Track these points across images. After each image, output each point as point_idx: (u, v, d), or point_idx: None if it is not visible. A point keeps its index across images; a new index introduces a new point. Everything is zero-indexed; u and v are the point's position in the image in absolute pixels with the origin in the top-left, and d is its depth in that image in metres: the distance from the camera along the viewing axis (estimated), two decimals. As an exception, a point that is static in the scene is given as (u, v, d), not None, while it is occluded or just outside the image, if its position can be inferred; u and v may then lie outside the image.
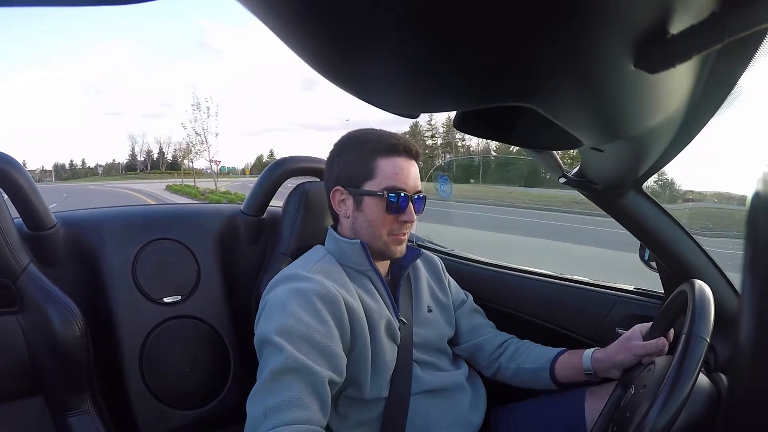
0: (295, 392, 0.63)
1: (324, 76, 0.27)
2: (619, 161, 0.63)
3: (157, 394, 0.94)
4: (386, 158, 0.80)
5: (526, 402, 0.96)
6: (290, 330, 0.67)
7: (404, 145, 0.81)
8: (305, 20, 0.21)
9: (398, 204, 0.79)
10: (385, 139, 0.82)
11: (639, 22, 0.23)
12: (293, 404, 0.61)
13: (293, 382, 0.64)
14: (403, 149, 0.81)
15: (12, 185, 0.83)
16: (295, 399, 0.62)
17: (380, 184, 0.79)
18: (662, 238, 0.88)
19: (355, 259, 0.82)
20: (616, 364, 0.80)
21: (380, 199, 0.79)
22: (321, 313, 0.71)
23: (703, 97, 0.44)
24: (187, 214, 1.10)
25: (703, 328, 0.56)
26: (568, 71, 0.26)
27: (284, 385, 0.63)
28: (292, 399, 0.62)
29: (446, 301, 0.97)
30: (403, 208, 0.80)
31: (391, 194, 0.79)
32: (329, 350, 0.69)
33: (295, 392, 0.63)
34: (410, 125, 41.36)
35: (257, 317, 0.76)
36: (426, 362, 0.87)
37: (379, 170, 0.80)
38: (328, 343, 0.69)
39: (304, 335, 0.68)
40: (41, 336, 0.80)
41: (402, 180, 0.80)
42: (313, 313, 0.70)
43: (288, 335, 0.67)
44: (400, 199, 0.79)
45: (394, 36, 0.21)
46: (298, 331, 0.68)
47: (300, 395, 0.63)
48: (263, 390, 0.63)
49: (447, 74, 0.25)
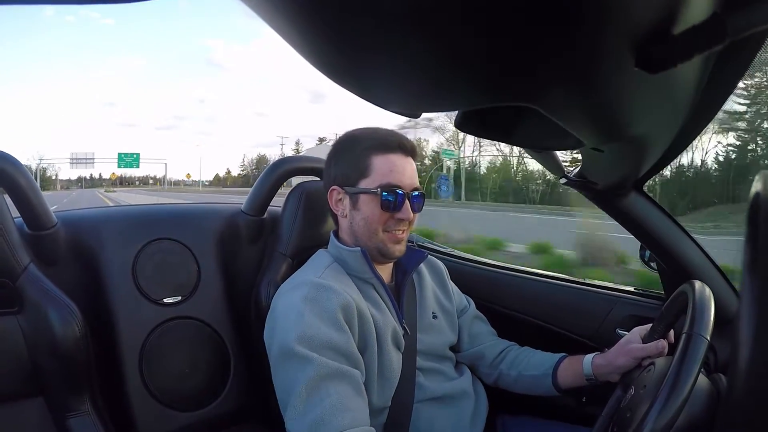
0: (335, 398, 0.61)
1: (326, 75, 0.27)
2: (620, 162, 0.63)
3: (157, 395, 0.94)
4: (380, 155, 0.79)
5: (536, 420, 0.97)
6: (311, 339, 0.67)
7: (399, 142, 0.80)
8: (308, 20, 0.22)
9: (394, 202, 0.78)
10: (379, 135, 0.80)
11: (640, 22, 0.23)
12: (337, 410, 0.60)
13: (330, 388, 0.63)
14: (397, 146, 0.79)
15: (12, 185, 0.83)
16: (337, 404, 0.61)
17: (375, 181, 0.78)
18: (662, 239, 0.88)
19: (356, 267, 0.81)
20: (617, 368, 0.80)
21: (375, 196, 0.78)
22: (338, 320, 0.70)
23: (704, 97, 0.44)
24: (188, 214, 1.10)
25: (703, 327, 0.57)
26: (569, 72, 0.26)
27: (322, 394, 0.62)
28: (334, 405, 0.61)
29: (450, 308, 0.96)
30: (399, 205, 0.78)
31: (386, 192, 0.77)
32: (352, 353, 0.69)
33: (335, 398, 0.61)
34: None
35: (269, 324, 0.75)
36: (430, 369, 0.86)
37: (374, 168, 0.78)
38: (348, 346, 0.69)
39: (326, 342, 0.67)
40: (41, 336, 0.80)
41: (397, 177, 0.78)
42: (330, 320, 0.70)
43: (310, 344, 0.66)
44: (396, 196, 0.78)
45: (396, 35, 0.21)
46: (319, 339, 0.67)
47: (341, 399, 0.62)
48: (301, 405, 0.62)
49: (449, 74, 0.25)
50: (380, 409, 0.78)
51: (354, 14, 0.20)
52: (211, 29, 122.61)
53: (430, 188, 16.62)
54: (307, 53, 0.25)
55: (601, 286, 1.09)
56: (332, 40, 0.23)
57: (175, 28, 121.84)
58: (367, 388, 0.75)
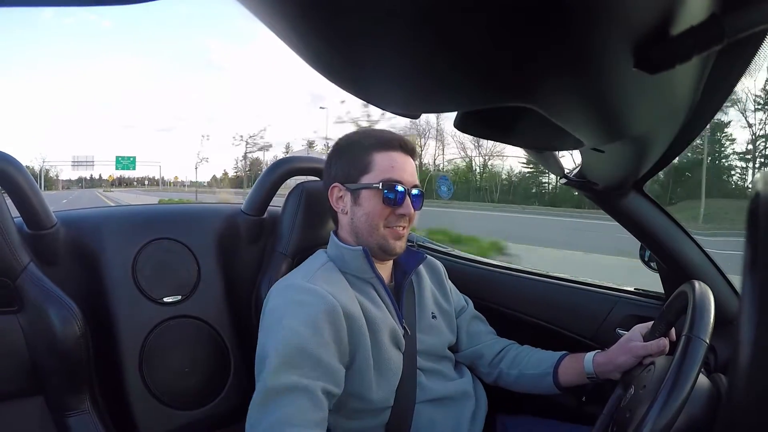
0: (286, 411, 0.64)
1: (324, 75, 0.27)
2: (620, 162, 0.63)
3: (156, 394, 0.94)
4: (382, 153, 0.81)
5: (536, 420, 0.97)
6: (286, 342, 0.68)
7: (399, 141, 0.82)
8: (305, 19, 0.22)
9: (395, 197, 0.79)
10: (380, 134, 0.83)
11: (639, 22, 0.23)
12: (284, 424, 0.63)
13: (285, 399, 0.65)
14: (398, 144, 0.82)
15: (12, 185, 0.83)
16: (285, 419, 0.63)
17: (376, 177, 0.80)
18: (662, 239, 0.88)
19: (357, 267, 0.82)
20: (618, 366, 0.80)
21: (377, 191, 0.79)
22: (318, 325, 0.71)
23: (703, 97, 0.44)
24: (188, 214, 1.10)
25: (702, 329, 0.57)
26: (569, 72, 0.26)
27: (278, 403, 0.65)
28: (280, 420, 0.63)
29: (448, 308, 0.96)
30: (400, 200, 0.80)
31: (387, 186, 0.79)
32: (324, 362, 0.69)
33: (286, 411, 0.64)
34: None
35: (260, 323, 0.76)
36: (431, 370, 0.86)
37: (375, 164, 0.80)
38: (322, 354, 0.69)
39: (298, 346, 0.68)
40: (41, 336, 0.80)
41: (398, 173, 0.80)
42: (310, 325, 0.70)
43: (283, 350, 0.68)
44: (397, 191, 0.79)
45: (395, 35, 0.21)
46: (293, 342, 0.68)
47: (293, 413, 0.64)
48: (256, 413, 0.65)
49: (448, 74, 0.25)
50: (382, 408, 0.79)
51: (351, 13, 0.20)
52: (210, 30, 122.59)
53: (431, 189, 16.71)
54: (305, 54, 0.25)
55: (601, 286, 1.09)
56: (330, 40, 0.23)
57: (174, 29, 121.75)
58: (364, 385, 0.76)
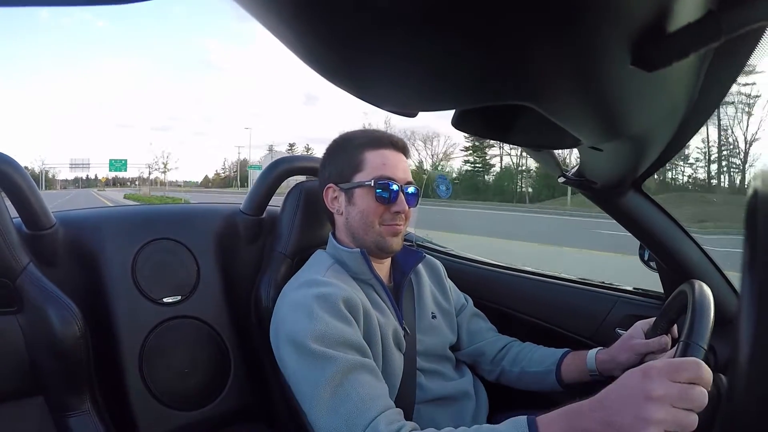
0: (361, 390, 0.64)
1: (321, 74, 0.27)
2: (618, 160, 0.63)
3: (156, 395, 0.94)
4: (373, 151, 0.82)
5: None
6: (325, 336, 0.68)
7: (390, 138, 0.84)
8: (302, 18, 0.21)
9: (388, 194, 0.80)
10: (370, 133, 0.85)
11: (636, 19, 0.23)
12: (367, 400, 0.63)
13: (354, 381, 0.64)
14: (388, 142, 0.84)
15: (11, 185, 0.83)
16: (365, 395, 0.63)
17: (369, 175, 0.81)
18: (662, 238, 0.88)
19: (355, 268, 0.82)
20: (620, 363, 0.79)
21: (370, 189, 0.80)
22: (347, 317, 0.72)
23: (700, 95, 0.44)
24: (187, 214, 1.10)
25: (700, 335, 0.57)
26: (566, 70, 0.26)
27: (348, 388, 0.64)
28: (362, 397, 0.63)
29: (448, 307, 0.96)
30: (394, 197, 0.80)
31: (380, 183, 0.80)
32: (362, 345, 0.71)
33: (361, 390, 0.64)
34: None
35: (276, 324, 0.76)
36: (431, 370, 0.86)
37: (367, 162, 0.82)
38: (358, 339, 0.71)
39: (339, 339, 0.68)
40: (41, 336, 0.80)
41: (390, 170, 0.81)
42: (340, 317, 0.71)
43: (325, 342, 0.68)
44: (390, 189, 0.80)
45: (392, 34, 0.21)
46: (333, 336, 0.68)
47: (367, 390, 0.64)
48: (330, 402, 0.64)
49: (446, 73, 0.25)
50: None
51: (348, 12, 0.20)
52: (207, 30, 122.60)
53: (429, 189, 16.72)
54: (301, 52, 0.25)
55: (601, 286, 1.09)
56: (326, 38, 0.23)
57: (170, 29, 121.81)
58: None
